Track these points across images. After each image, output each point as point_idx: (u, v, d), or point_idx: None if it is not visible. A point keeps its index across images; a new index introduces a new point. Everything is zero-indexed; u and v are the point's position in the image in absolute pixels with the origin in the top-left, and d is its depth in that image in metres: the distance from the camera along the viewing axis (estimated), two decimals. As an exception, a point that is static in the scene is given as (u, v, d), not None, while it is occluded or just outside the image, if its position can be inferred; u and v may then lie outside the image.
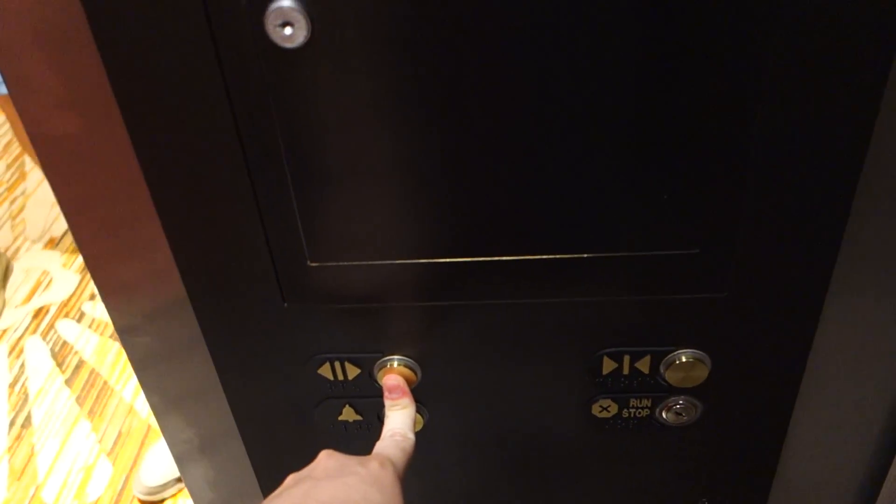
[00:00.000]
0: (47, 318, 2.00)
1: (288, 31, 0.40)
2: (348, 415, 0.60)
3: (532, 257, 0.49)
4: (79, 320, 1.99)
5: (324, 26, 0.40)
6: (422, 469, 0.64)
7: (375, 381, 0.57)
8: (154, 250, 0.52)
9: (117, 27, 0.41)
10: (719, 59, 0.40)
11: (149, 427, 1.68)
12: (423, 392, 0.58)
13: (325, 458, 0.47)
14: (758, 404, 0.56)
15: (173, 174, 0.47)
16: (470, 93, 0.42)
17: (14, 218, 2.37)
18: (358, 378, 0.57)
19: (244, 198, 0.48)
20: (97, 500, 1.54)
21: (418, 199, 0.47)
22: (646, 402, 0.57)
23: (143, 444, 1.64)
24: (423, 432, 0.60)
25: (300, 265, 0.50)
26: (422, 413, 0.59)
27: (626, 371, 0.55)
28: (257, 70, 0.42)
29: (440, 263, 0.50)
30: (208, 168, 0.46)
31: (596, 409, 0.58)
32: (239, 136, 0.45)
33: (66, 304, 2.04)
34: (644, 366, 0.55)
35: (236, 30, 0.41)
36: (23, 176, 2.56)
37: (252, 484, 0.66)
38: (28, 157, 2.56)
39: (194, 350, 0.57)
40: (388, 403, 0.54)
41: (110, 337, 1.93)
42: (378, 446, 0.50)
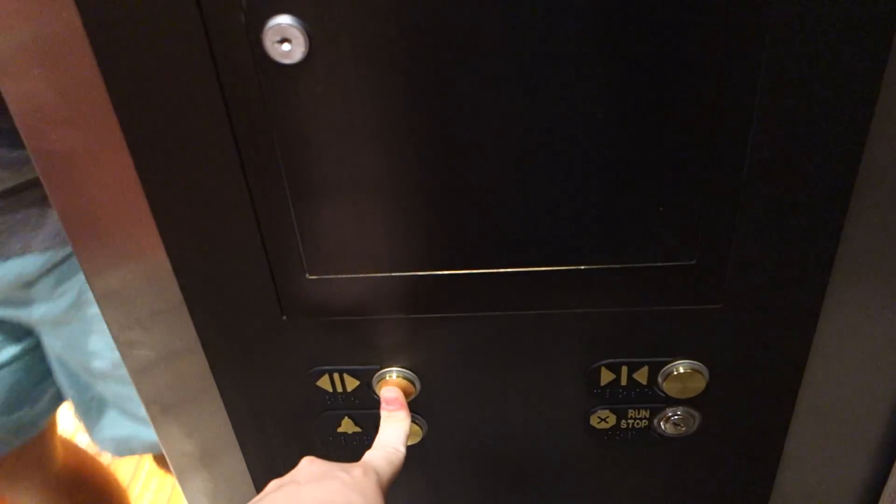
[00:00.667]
0: (46, 331, 1.99)
1: (286, 47, 0.40)
2: (347, 426, 0.60)
3: (529, 269, 0.49)
4: (78, 333, 1.98)
5: (321, 43, 0.40)
6: (420, 480, 0.64)
7: (374, 393, 0.57)
8: (153, 263, 0.52)
9: (116, 43, 0.42)
10: (714, 71, 0.40)
11: (148, 440, 1.67)
12: (421, 403, 0.58)
13: (308, 464, 0.47)
14: (756, 415, 0.56)
15: (172, 188, 0.47)
16: (466, 107, 0.42)
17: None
18: (357, 390, 0.57)
19: (243, 211, 0.48)
20: (96, 513, 1.53)
21: (415, 213, 0.47)
22: (644, 413, 0.57)
23: (141, 458, 1.64)
24: (421, 444, 0.60)
25: (299, 278, 0.51)
26: (420, 425, 0.59)
27: (623, 382, 0.55)
28: (256, 86, 0.43)
29: (438, 276, 0.50)
30: (207, 182, 0.47)
31: (594, 421, 0.58)
32: (238, 150, 0.45)
33: (65, 317, 2.04)
34: (642, 377, 0.55)
35: (235, 46, 0.41)
36: (22, 189, 2.56)
37: (251, 496, 0.66)
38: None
39: (193, 362, 0.57)
40: (383, 415, 0.54)
41: (109, 350, 1.92)
42: (366, 455, 0.50)
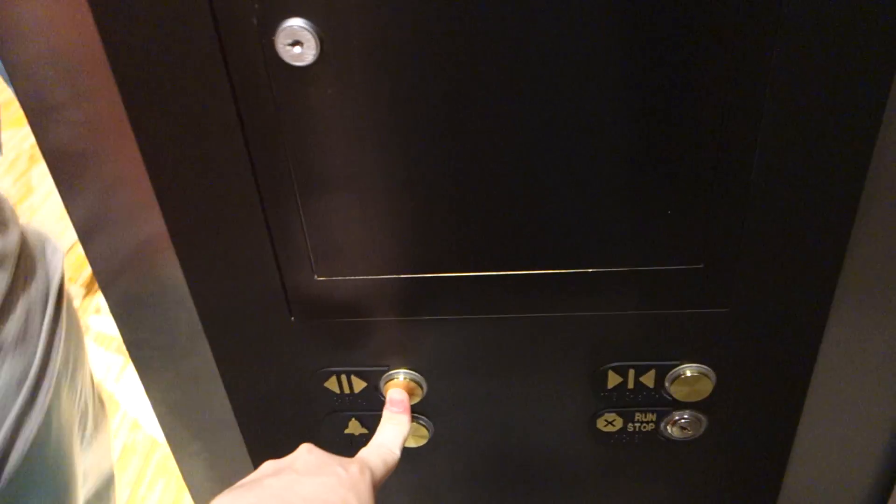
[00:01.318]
0: (52, 332, 2.00)
1: (298, 49, 0.41)
2: (354, 428, 0.60)
3: (538, 272, 0.49)
4: (84, 334, 1.99)
5: (333, 45, 0.41)
6: (427, 482, 0.64)
7: (381, 395, 0.57)
8: (163, 264, 0.52)
9: (129, 46, 0.42)
10: (723, 75, 0.41)
11: (153, 441, 1.68)
12: (428, 405, 0.58)
13: (306, 453, 0.47)
14: (763, 418, 0.56)
15: (183, 190, 0.48)
16: (477, 111, 0.43)
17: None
18: (364, 391, 0.58)
19: (252, 212, 0.48)
20: (101, 514, 1.53)
21: (424, 215, 0.47)
22: (651, 417, 0.57)
23: (147, 457, 1.64)
24: (427, 445, 0.60)
25: (307, 280, 0.51)
26: (427, 426, 0.59)
27: (630, 385, 0.55)
28: (267, 88, 0.43)
29: (446, 278, 0.50)
30: (218, 183, 0.47)
31: (601, 424, 0.58)
32: (248, 152, 0.46)
33: (71, 318, 2.05)
34: (649, 380, 0.55)
35: (247, 48, 0.41)
36: (29, 191, 2.58)
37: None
38: (34, 172, 2.58)
39: (201, 363, 0.57)
40: (386, 414, 0.54)
41: (115, 351, 1.93)
42: (363, 452, 0.50)
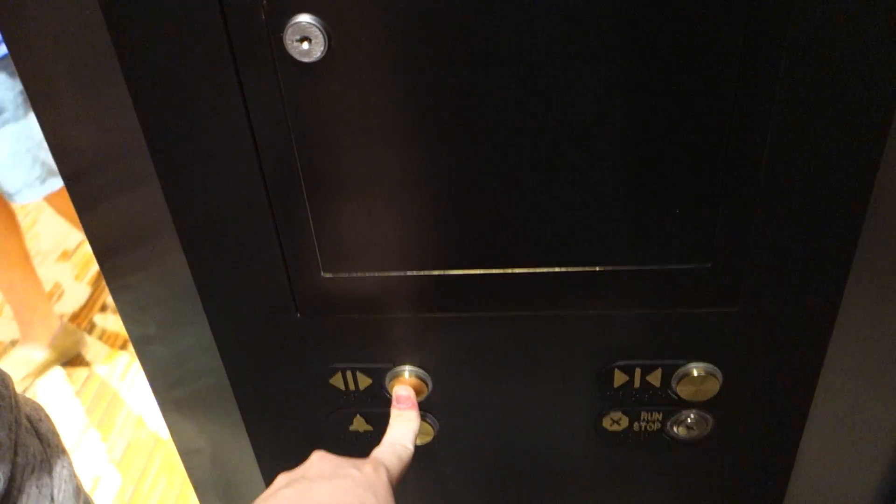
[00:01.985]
0: (58, 328, 2.01)
1: (306, 45, 0.41)
2: (359, 425, 0.60)
3: (545, 270, 0.49)
4: (90, 332, 2.00)
5: (341, 42, 0.41)
6: (431, 480, 0.64)
7: (387, 392, 0.57)
8: (170, 260, 0.52)
9: (138, 41, 0.42)
10: (732, 75, 0.40)
11: (157, 438, 1.68)
12: (433, 403, 0.58)
13: (318, 460, 0.47)
14: (770, 418, 0.56)
15: (191, 186, 0.48)
16: (484, 108, 0.43)
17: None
18: (369, 388, 0.57)
19: (260, 209, 0.48)
20: (105, 511, 1.54)
21: (432, 212, 0.47)
22: (657, 416, 0.57)
23: (151, 455, 1.64)
24: (432, 443, 0.60)
25: (314, 276, 0.51)
26: (432, 424, 0.59)
27: (637, 384, 0.55)
28: (275, 84, 0.43)
29: (453, 275, 0.50)
30: (225, 180, 0.47)
31: (607, 423, 0.58)
32: (256, 147, 0.46)
33: (77, 316, 2.06)
34: (655, 379, 0.55)
35: (255, 44, 0.42)
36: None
37: (262, 493, 0.67)
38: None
39: (207, 359, 0.57)
40: (394, 413, 0.54)
41: (120, 348, 1.94)
42: (376, 451, 0.50)
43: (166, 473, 1.61)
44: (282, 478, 0.46)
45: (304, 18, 0.40)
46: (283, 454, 0.63)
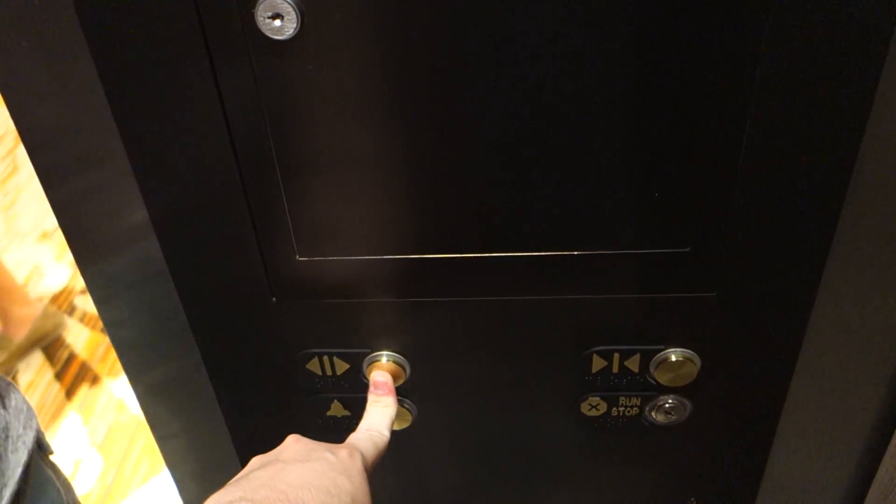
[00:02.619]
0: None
1: (278, 23, 0.40)
2: (337, 410, 0.60)
3: (522, 254, 0.49)
4: (70, 314, 1.98)
5: (314, 19, 0.40)
6: (409, 465, 0.64)
7: (364, 377, 0.56)
8: (143, 244, 0.51)
9: (106, 17, 0.41)
10: (712, 58, 0.40)
11: (139, 421, 1.67)
12: (411, 388, 0.57)
13: (293, 442, 0.46)
14: (747, 403, 0.56)
15: (162, 167, 0.47)
16: (460, 88, 0.42)
17: (7, 211, 2.36)
18: (347, 374, 0.57)
19: (233, 191, 0.47)
20: (87, 493, 1.53)
21: (407, 195, 0.47)
22: (635, 401, 0.57)
23: (132, 438, 1.64)
24: (410, 429, 0.60)
25: (289, 260, 0.50)
26: (410, 409, 0.59)
27: (615, 369, 0.55)
28: (247, 63, 0.42)
29: (429, 259, 0.49)
30: (197, 161, 0.46)
31: (585, 408, 0.57)
32: (228, 128, 0.45)
33: (57, 298, 2.03)
34: (633, 364, 0.54)
35: (226, 21, 0.40)
36: (15, 169, 2.55)
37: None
38: (20, 151, 2.55)
39: (181, 343, 0.57)
40: (371, 398, 0.54)
41: (101, 331, 1.92)
42: (351, 437, 0.50)
43: (148, 456, 1.60)
44: (256, 460, 0.46)
45: (275, -5, 0.39)
46: (259, 439, 0.62)
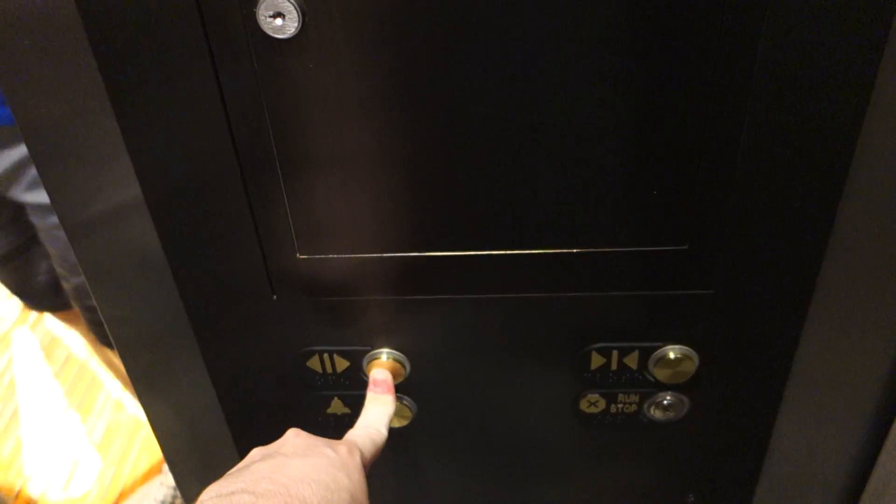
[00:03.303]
0: (36, 310, 1.99)
1: (279, 22, 0.40)
2: (337, 408, 0.60)
3: (521, 252, 0.49)
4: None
5: (315, 18, 0.40)
6: (409, 462, 0.64)
7: (364, 375, 0.57)
8: (144, 241, 0.51)
9: (107, 14, 0.41)
10: (709, 57, 0.40)
11: (137, 420, 1.67)
12: (411, 386, 0.58)
13: (294, 437, 0.47)
14: (745, 400, 0.56)
15: (163, 164, 0.47)
16: (460, 86, 0.42)
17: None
18: (347, 371, 0.57)
19: (234, 189, 0.47)
20: (85, 493, 1.53)
21: (407, 193, 0.47)
22: (633, 398, 0.57)
23: (131, 437, 1.64)
24: (410, 426, 0.60)
25: (289, 258, 0.50)
26: (410, 407, 0.59)
27: (614, 366, 0.55)
28: (248, 61, 0.42)
29: (429, 257, 0.50)
30: (198, 159, 0.46)
31: (584, 405, 0.58)
32: (229, 126, 0.45)
33: (55, 297, 2.03)
34: (632, 361, 0.55)
35: (228, 20, 0.41)
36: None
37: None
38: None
39: (183, 341, 0.57)
40: (370, 395, 0.54)
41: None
42: (350, 434, 0.50)
43: (147, 455, 1.60)
44: (256, 452, 0.46)
45: (277, -6, 0.39)
46: (259, 436, 0.63)
